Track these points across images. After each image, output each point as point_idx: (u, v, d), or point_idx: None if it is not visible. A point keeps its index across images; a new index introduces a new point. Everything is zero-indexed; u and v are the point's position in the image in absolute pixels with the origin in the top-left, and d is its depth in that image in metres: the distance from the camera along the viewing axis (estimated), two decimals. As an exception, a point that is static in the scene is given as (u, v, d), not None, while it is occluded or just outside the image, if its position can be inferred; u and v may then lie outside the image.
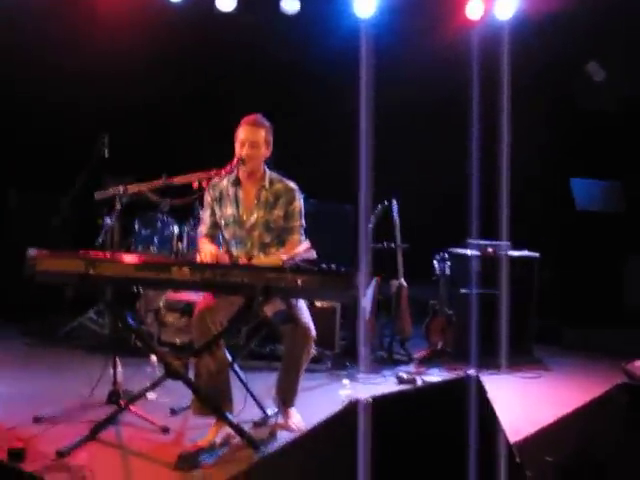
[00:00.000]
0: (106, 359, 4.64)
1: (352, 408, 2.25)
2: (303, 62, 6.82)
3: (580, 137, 6.67)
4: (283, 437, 3.63)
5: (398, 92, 6.60)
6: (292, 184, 3.88)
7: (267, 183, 3.84)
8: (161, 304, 5.37)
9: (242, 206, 3.83)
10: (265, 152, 3.82)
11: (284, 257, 3.36)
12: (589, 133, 6.65)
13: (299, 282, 3.09)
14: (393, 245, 5.53)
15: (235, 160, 3.71)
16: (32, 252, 3.32)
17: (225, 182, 3.87)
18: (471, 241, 5.76)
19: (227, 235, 3.76)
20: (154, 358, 4.40)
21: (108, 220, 5.55)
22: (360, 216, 5.38)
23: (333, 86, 6.85)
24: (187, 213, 5.77)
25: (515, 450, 2.72)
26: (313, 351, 3.72)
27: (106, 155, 5.60)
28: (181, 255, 5.60)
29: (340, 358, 5.25)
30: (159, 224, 5.70)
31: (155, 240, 5.64)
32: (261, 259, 3.56)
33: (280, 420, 3.76)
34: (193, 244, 5.65)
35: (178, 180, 3.67)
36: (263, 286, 3.14)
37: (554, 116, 6.78)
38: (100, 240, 5.58)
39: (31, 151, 6.34)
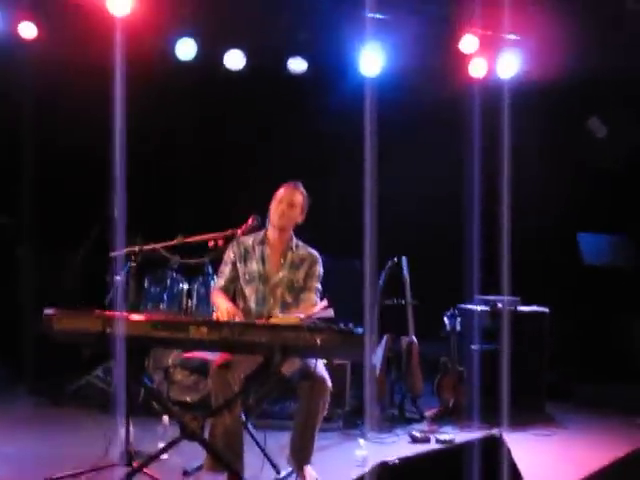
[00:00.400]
0: (115, 418, 4.63)
1: (381, 471, 2.23)
2: (310, 120, 6.92)
3: (586, 191, 6.73)
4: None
5: (402, 149, 6.70)
6: (315, 252, 4.04)
7: (294, 246, 3.98)
8: (170, 362, 5.34)
9: (268, 264, 3.93)
10: (299, 216, 3.97)
11: (302, 316, 3.36)
12: (595, 187, 6.71)
13: (318, 341, 3.08)
14: (403, 302, 5.52)
15: (251, 220, 3.77)
16: (48, 311, 3.31)
17: (251, 240, 3.97)
18: (480, 297, 5.77)
19: (248, 292, 3.87)
20: (166, 418, 4.36)
21: (117, 277, 5.58)
22: (365, 272, 5.39)
23: (340, 143, 6.96)
24: (196, 270, 5.78)
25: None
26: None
27: (115, 214, 5.67)
28: (191, 312, 5.59)
29: (351, 416, 5.20)
30: (169, 281, 5.70)
31: (165, 297, 5.64)
32: (279, 318, 3.56)
33: (296, 480, 3.71)
34: (202, 301, 5.65)
35: (194, 239, 3.69)
36: (281, 345, 3.13)
37: (558, 171, 6.85)
38: (109, 298, 5.61)
39: (40, 208, 6.37)
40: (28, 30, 6.26)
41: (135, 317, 3.32)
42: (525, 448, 4.82)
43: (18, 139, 6.42)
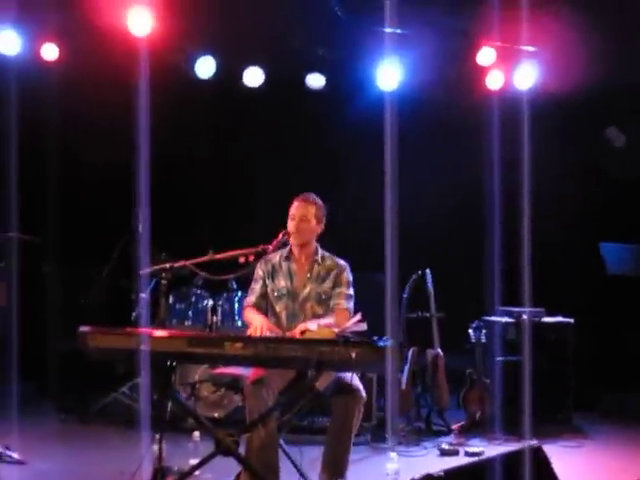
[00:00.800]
0: (142, 435, 4.64)
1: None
2: (328, 135, 6.97)
3: (606, 200, 6.72)
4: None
5: (422, 162, 6.72)
6: (342, 261, 4.04)
7: (319, 258, 3.99)
8: (197, 377, 5.37)
9: (295, 279, 3.96)
10: (316, 228, 3.98)
11: (336, 330, 3.38)
12: (615, 196, 6.71)
13: (353, 355, 3.09)
14: (428, 314, 5.53)
15: (281, 235, 3.79)
16: (84, 328, 3.34)
17: (277, 257, 4.00)
18: (504, 309, 5.76)
19: (278, 308, 3.90)
20: (197, 434, 4.37)
21: (143, 295, 5.62)
22: (387, 285, 5.39)
23: (358, 157, 7.00)
24: (221, 287, 5.81)
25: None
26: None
27: (140, 230, 5.73)
28: (216, 328, 5.61)
29: (377, 430, 5.20)
30: (193, 298, 5.73)
31: (190, 314, 5.67)
32: (313, 332, 3.57)
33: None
34: (227, 317, 5.68)
35: (225, 256, 3.72)
36: (317, 360, 3.14)
37: (579, 182, 6.85)
38: (135, 314, 5.66)
39: (64, 225, 6.42)
40: (51, 52, 6.35)
41: (170, 334, 3.34)
42: (557, 460, 4.79)
43: (42, 158, 6.50)
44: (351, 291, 3.99)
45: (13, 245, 4.50)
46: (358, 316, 3.48)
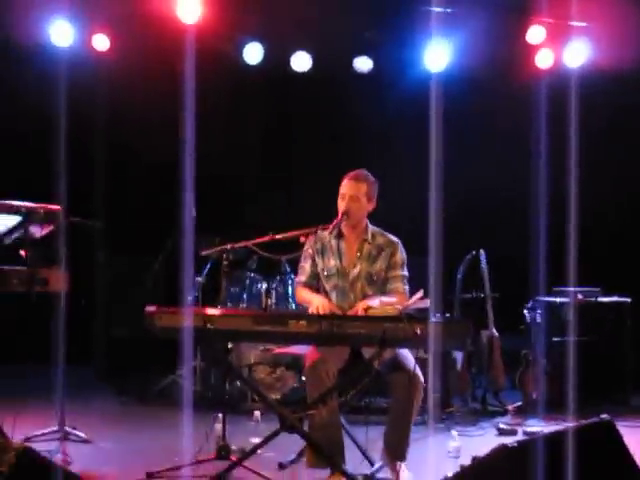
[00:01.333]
0: (203, 415, 4.73)
1: (501, 452, 2.24)
2: (377, 117, 6.95)
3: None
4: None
5: (468, 142, 6.67)
6: (394, 238, 3.97)
7: (369, 236, 3.92)
8: (252, 359, 5.42)
9: (345, 258, 3.91)
10: (367, 206, 3.91)
11: (399, 307, 3.39)
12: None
13: (418, 331, 3.10)
14: (482, 295, 5.50)
15: (340, 216, 3.79)
16: (150, 309, 3.41)
17: (327, 235, 3.95)
18: (560, 289, 5.71)
19: (328, 287, 3.86)
20: (257, 413, 4.43)
21: (199, 278, 5.71)
22: (429, 267, 5.34)
23: (406, 138, 6.96)
24: (274, 270, 5.86)
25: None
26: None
27: (194, 215, 5.79)
28: (270, 311, 5.65)
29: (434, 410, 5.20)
30: (247, 281, 5.78)
31: (244, 297, 5.72)
32: (377, 310, 3.58)
33: (389, 476, 3.72)
34: (281, 300, 5.72)
35: (285, 236, 3.76)
36: (381, 336, 3.16)
37: (629, 159, 6.74)
38: (190, 299, 5.73)
39: (115, 212, 6.52)
40: (101, 42, 6.45)
41: (236, 312, 3.39)
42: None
43: (93, 148, 6.61)
44: (406, 272, 3.93)
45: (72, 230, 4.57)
46: (420, 293, 3.47)
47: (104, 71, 6.59)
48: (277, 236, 3.80)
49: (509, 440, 4.14)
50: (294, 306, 5.62)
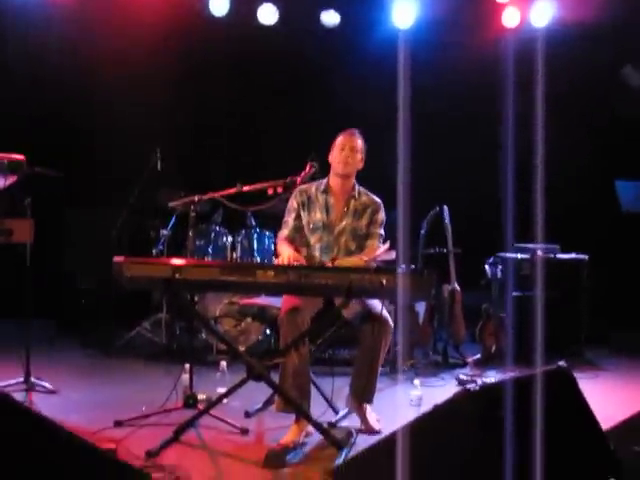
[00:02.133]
0: (170, 367, 4.78)
1: (462, 395, 2.33)
2: (341, 72, 6.93)
3: (621, 139, 6.74)
4: (362, 437, 3.70)
5: (435, 100, 6.69)
6: (377, 198, 4.09)
7: (356, 193, 4.02)
8: (217, 312, 5.47)
9: (332, 212, 3.98)
10: (360, 162, 4.02)
11: (365, 258, 3.45)
12: (630, 135, 6.71)
13: (384, 282, 3.17)
14: (445, 250, 5.60)
15: (308, 167, 3.83)
16: (118, 259, 3.42)
17: (313, 189, 4.01)
18: (520, 245, 5.83)
19: (312, 240, 3.93)
20: (223, 364, 4.49)
21: (164, 231, 5.70)
22: (397, 222, 5.42)
23: (372, 96, 6.97)
24: (239, 223, 5.87)
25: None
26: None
27: (159, 168, 5.76)
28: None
29: (393, 362, 5.31)
30: (212, 235, 5.79)
31: (209, 250, 5.73)
32: (343, 260, 3.64)
33: (353, 424, 3.82)
34: (246, 253, 5.74)
35: (253, 187, 3.77)
36: (347, 287, 3.22)
37: (593, 121, 6.85)
38: (156, 250, 5.73)
39: (82, 165, 6.44)
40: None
41: (203, 262, 3.41)
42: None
43: (57, 97, 6.50)
44: (382, 231, 4.05)
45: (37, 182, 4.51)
46: (386, 245, 3.54)
47: (65, 18, 6.44)
48: (245, 188, 3.81)
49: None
50: (259, 259, 5.65)
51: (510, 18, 6.83)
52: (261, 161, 6.76)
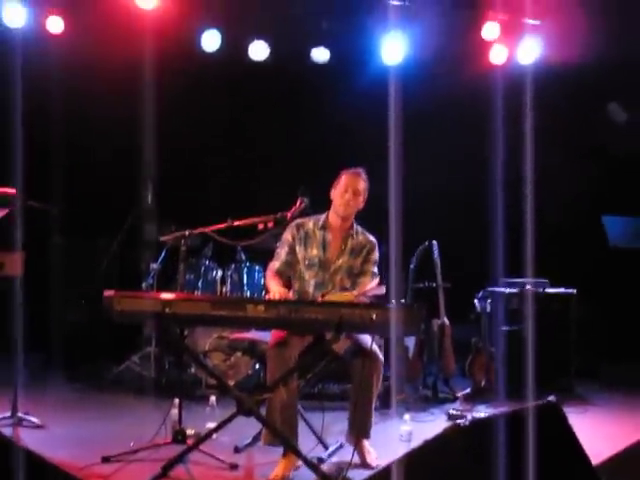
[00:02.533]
0: (158, 401, 4.75)
1: (453, 430, 2.33)
2: (334, 109, 7.01)
3: (607, 175, 6.83)
4: (353, 472, 3.68)
5: (426, 136, 6.78)
6: (373, 238, 4.10)
7: (354, 232, 4.04)
8: (207, 347, 5.45)
9: (329, 250, 3.98)
10: (361, 204, 4.03)
11: (355, 293, 3.46)
12: (616, 171, 6.81)
13: (374, 317, 3.18)
14: (434, 285, 5.62)
15: (299, 202, 3.85)
16: (109, 293, 3.41)
17: (311, 224, 4.01)
18: (509, 280, 5.86)
19: (307, 276, 3.93)
20: (213, 398, 4.46)
21: (154, 265, 5.71)
22: (391, 255, 5.46)
23: (363, 131, 7.04)
24: (229, 258, 5.88)
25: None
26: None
27: (150, 202, 5.79)
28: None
29: (384, 396, 5.29)
30: (202, 269, 5.79)
31: (199, 285, 5.73)
32: (333, 296, 3.65)
33: (343, 459, 3.80)
34: (236, 288, 5.75)
35: (244, 223, 3.79)
36: (337, 322, 3.23)
37: (581, 156, 6.94)
38: (146, 284, 5.73)
39: (72, 196, 6.44)
40: (56, 25, 6.36)
41: (194, 296, 3.42)
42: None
43: (49, 129, 6.52)
44: (376, 269, 4.06)
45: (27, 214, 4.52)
46: (376, 280, 3.55)
47: (58, 54, 6.49)
48: (235, 222, 3.83)
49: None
50: (249, 294, 5.65)
51: (497, 55, 6.93)
52: (252, 195, 6.80)
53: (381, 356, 3.74)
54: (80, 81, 6.54)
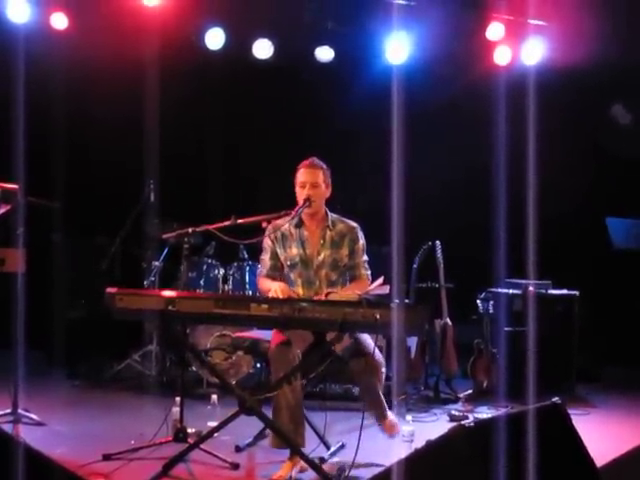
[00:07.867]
0: (159, 399, 4.73)
1: (458, 431, 2.32)
2: (337, 108, 6.99)
3: (611, 177, 6.81)
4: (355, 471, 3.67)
5: (430, 136, 6.76)
6: (353, 223, 4.03)
7: (330, 223, 3.97)
8: (208, 345, 5.43)
9: (308, 246, 3.93)
10: (325, 192, 3.96)
11: (359, 292, 3.44)
12: (620, 173, 6.79)
13: (377, 316, 3.16)
14: (437, 285, 5.60)
15: (302, 202, 3.82)
16: (111, 290, 3.40)
17: (286, 225, 3.95)
18: (512, 280, 5.84)
19: (293, 276, 3.90)
20: (214, 397, 4.45)
21: (157, 263, 5.69)
22: (393, 257, 5.44)
23: (366, 130, 7.03)
24: (231, 256, 5.86)
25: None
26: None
27: (152, 199, 5.77)
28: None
29: (386, 397, 5.27)
30: (204, 267, 5.78)
31: (201, 283, 5.71)
32: (337, 294, 3.63)
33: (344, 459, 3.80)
34: (238, 286, 5.73)
35: (247, 220, 3.77)
36: (341, 321, 3.21)
37: (585, 158, 6.91)
38: (147, 282, 5.71)
39: (74, 194, 6.43)
40: (60, 21, 6.35)
41: (197, 294, 3.40)
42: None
43: (51, 126, 6.50)
44: (366, 256, 4.02)
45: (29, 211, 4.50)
46: (380, 280, 3.54)
47: (62, 50, 6.47)
48: (239, 220, 3.81)
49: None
50: (251, 292, 5.64)
51: (501, 56, 6.91)
52: (256, 194, 6.78)
53: (380, 356, 3.71)
54: (83, 78, 6.52)
